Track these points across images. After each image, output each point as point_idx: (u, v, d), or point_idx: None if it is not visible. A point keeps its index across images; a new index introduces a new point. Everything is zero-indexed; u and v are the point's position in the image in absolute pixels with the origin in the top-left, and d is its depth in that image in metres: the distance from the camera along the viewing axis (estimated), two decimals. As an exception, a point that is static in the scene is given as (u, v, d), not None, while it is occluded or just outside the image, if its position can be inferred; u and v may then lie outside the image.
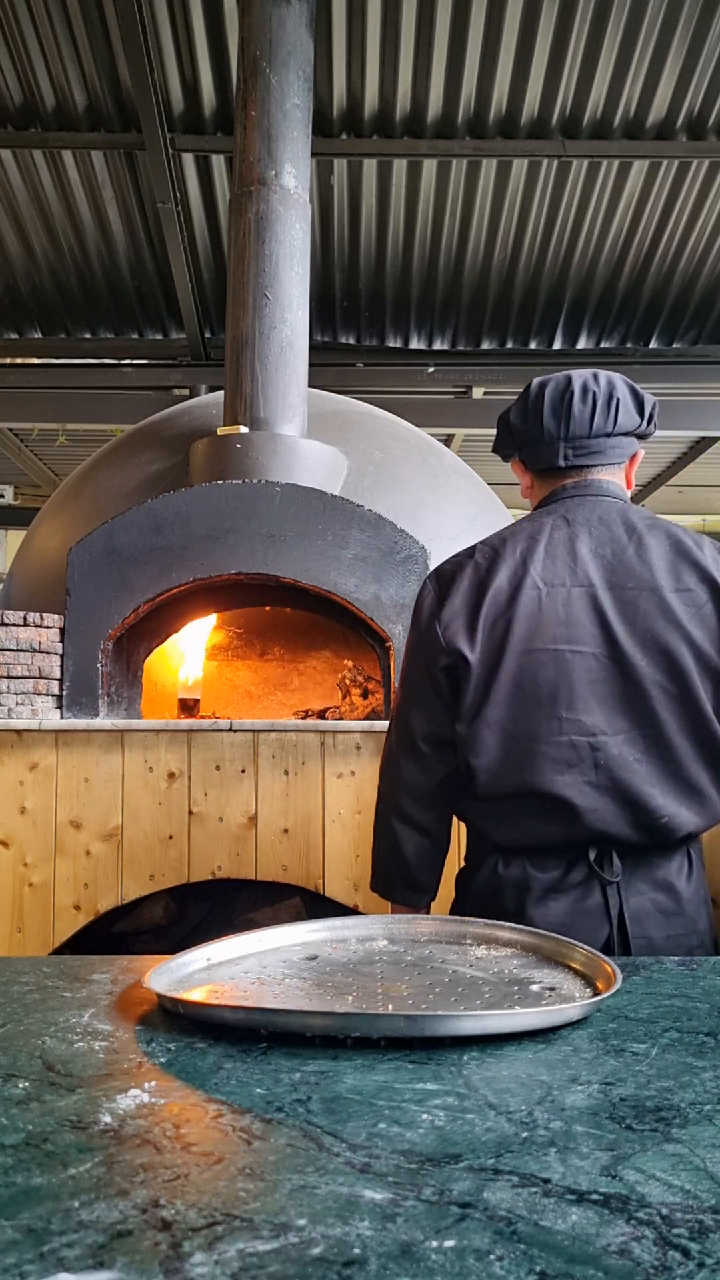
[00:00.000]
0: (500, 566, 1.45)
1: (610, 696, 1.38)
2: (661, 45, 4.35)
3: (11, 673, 2.64)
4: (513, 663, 1.39)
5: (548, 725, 1.38)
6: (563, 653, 1.39)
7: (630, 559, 1.43)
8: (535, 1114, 0.62)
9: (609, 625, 1.39)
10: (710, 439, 6.89)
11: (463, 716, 1.42)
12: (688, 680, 1.37)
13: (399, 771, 1.51)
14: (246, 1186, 0.52)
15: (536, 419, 1.53)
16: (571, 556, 1.44)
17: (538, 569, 1.43)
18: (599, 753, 1.37)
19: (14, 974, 0.97)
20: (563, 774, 1.36)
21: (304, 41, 3.22)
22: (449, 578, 1.49)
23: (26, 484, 8.58)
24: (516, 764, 1.38)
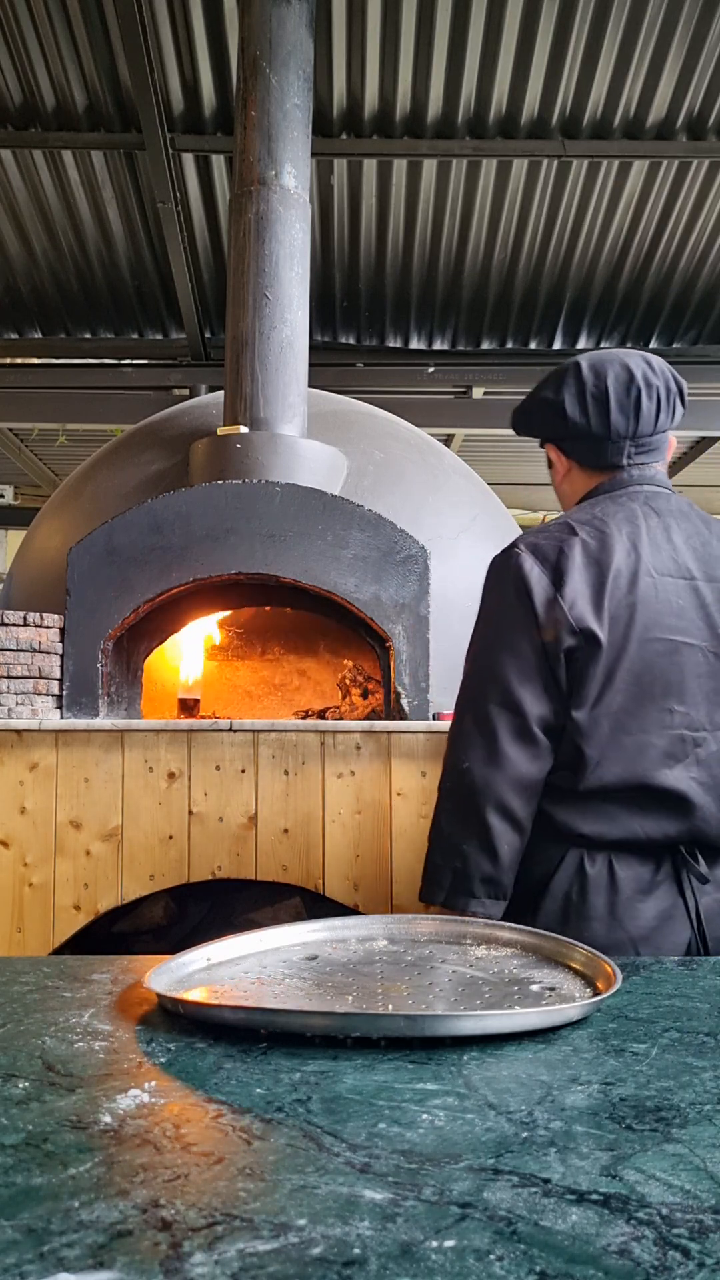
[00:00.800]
0: (614, 548, 1.37)
1: (714, 690, 1.36)
2: (661, 45, 4.35)
3: (11, 673, 2.64)
4: (635, 650, 1.34)
5: (659, 717, 1.34)
6: (676, 643, 1.35)
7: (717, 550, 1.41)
8: (535, 1114, 0.62)
9: (712, 618, 1.37)
10: (710, 439, 6.89)
11: (583, 702, 1.34)
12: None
13: (506, 760, 1.35)
14: (246, 1186, 0.52)
15: (602, 415, 1.45)
16: (671, 546, 1.40)
17: (648, 555, 1.37)
18: (700, 748, 1.34)
19: (14, 974, 0.97)
20: (672, 768, 1.33)
21: (304, 41, 3.22)
22: (554, 553, 1.38)
23: (26, 484, 8.58)
24: (628, 755, 1.33)
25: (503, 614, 1.39)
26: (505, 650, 1.37)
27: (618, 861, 1.35)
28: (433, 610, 2.82)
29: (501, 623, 1.39)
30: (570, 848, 1.37)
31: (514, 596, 1.38)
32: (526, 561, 1.39)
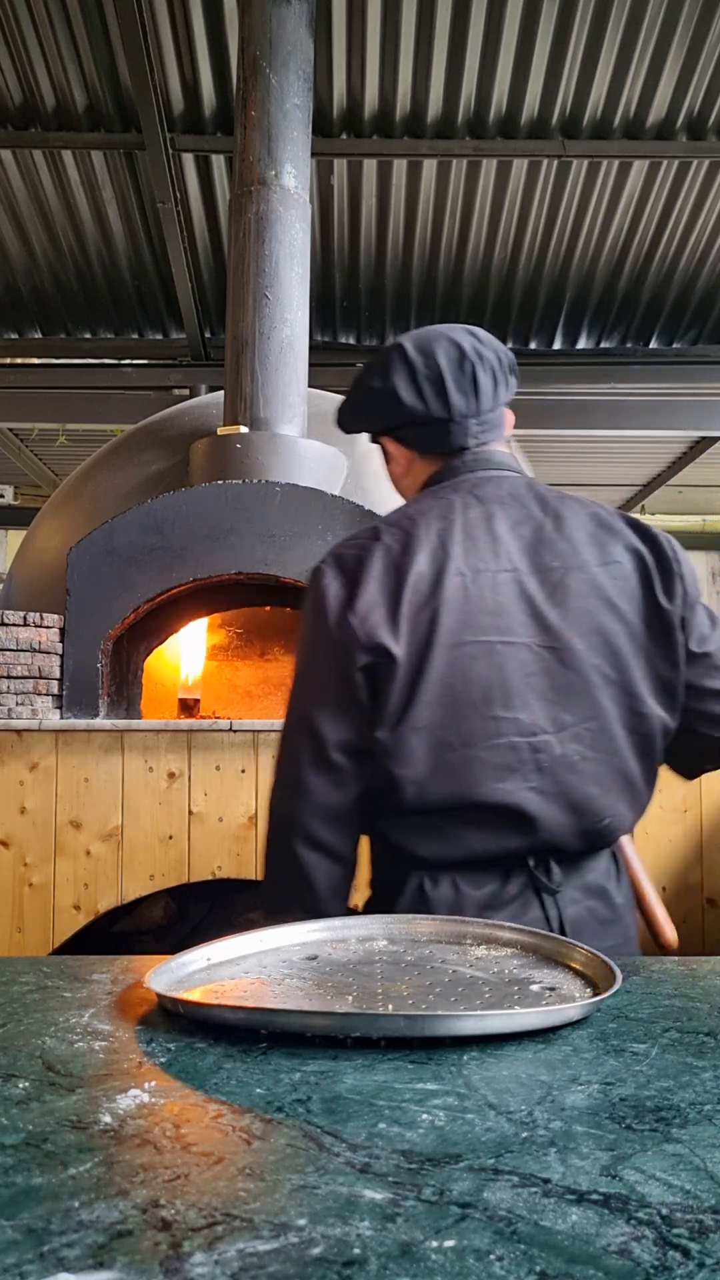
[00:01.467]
0: (417, 549, 1.26)
1: (550, 690, 1.24)
2: (661, 45, 4.35)
3: (11, 673, 2.64)
4: (441, 658, 1.22)
5: (483, 727, 1.22)
6: (494, 645, 1.23)
7: (551, 536, 1.29)
8: (535, 1114, 0.62)
9: (540, 611, 1.25)
10: (710, 439, 6.89)
11: (385, 721, 1.23)
12: (624, 663, 1.26)
13: (306, 790, 1.26)
14: (246, 1186, 0.52)
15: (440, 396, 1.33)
16: (491, 538, 1.28)
17: (458, 552, 1.26)
18: (541, 754, 1.22)
19: (14, 974, 0.97)
20: (504, 780, 1.21)
21: (304, 41, 3.22)
22: (354, 562, 1.27)
23: (26, 484, 8.58)
24: (451, 772, 1.22)
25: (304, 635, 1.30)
26: (305, 674, 1.29)
27: (462, 880, 1.25)
28: (433, 610, 2.82)
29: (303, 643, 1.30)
30: (411, 870, 1.27)
31: (312, 615, 1.28)
32: (326, 575, 1.28)
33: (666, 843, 2.51)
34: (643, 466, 7.86)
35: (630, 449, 7.37)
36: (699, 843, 2.52)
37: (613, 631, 1.26)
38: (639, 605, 1.28)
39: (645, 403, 6.21)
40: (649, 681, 1.27)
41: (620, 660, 1.26)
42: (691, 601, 1.31)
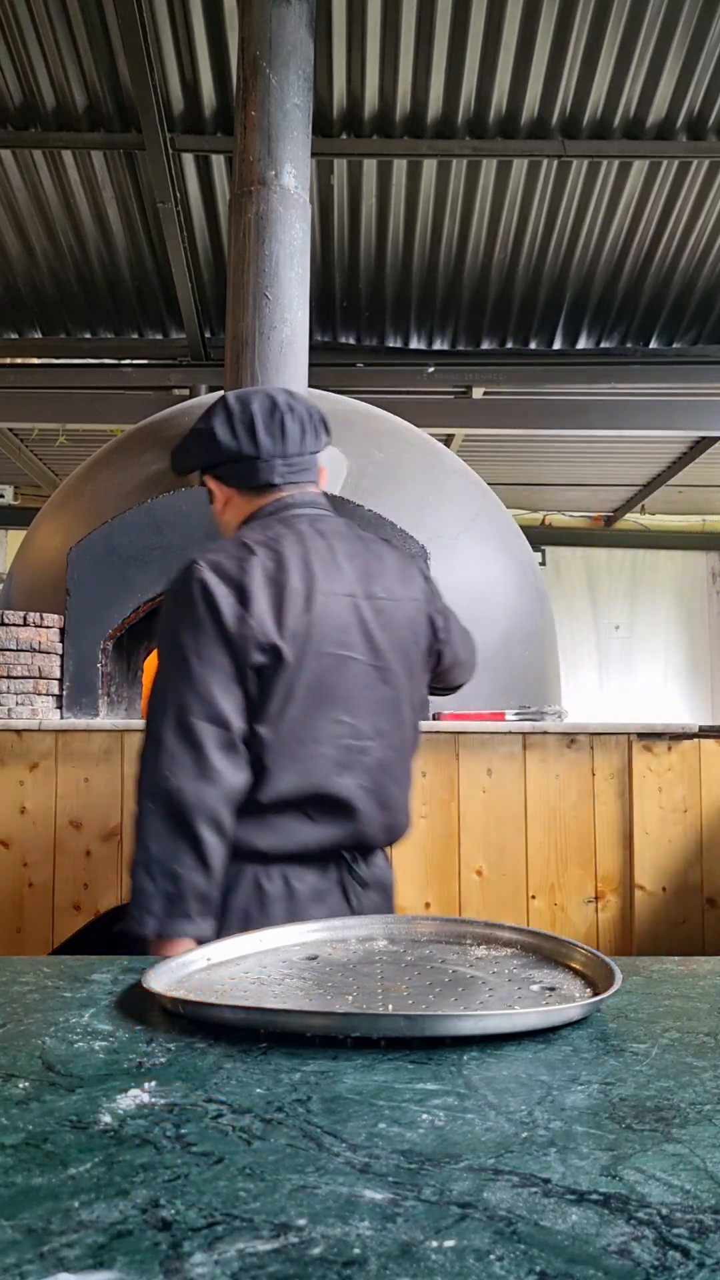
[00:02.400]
0: (290, 568, 1.43)
1: (374, 701, 1.46)
2: (661, 45, 4.35)
3: (11, 673, 2.64)
4: (311, 664, 1.41)
5: (330, 728, 1.41)
6: (344, 658, 1.44)
7: (376, 569, 1.52)
8: (535, 1114, 0.62)
9: (370, 632, 1.47)
10: (710, 439, 6.89)
11: (266, 716, 1.37)
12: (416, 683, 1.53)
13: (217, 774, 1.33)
14: (246, 1186, 0.52)
15: (250, 436, 1.52)
16: (336, 565, 1.48)
17: (320, 573, 1.45)
18: (366, 757, 1.43)
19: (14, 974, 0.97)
20: (341, 776, 1.41)
21: (304, 41, 3.22)
22: (236, 571, 1.41)
23: (26, 484, 8.58)
24: (302, 765, 1.39)
25: (196, 630, 1.38)
26: (206, 665, 1.37)
27: (291, 874, 1.41)
28: (433, 610, 2.82)
29: (197, 639, 1.38)
30: (246, 864, 1.40)
31: (204, 613, 1.38)
32: (211, 579, 1.39)
33: (666, 843, 2.51)
34: (643, 466, 7.86)
35: (630, 449, 7.37)
36: (699, 843, 2.52)
37: (412, 657, 1.53)
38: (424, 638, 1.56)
39: (645, 403, 6.21)
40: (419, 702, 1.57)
41: (416, 682, 1.55)
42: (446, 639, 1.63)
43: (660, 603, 9.32)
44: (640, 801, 2.52)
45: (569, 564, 9.21)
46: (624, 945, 2.50)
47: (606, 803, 2.53)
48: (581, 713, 8.96)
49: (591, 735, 2.54)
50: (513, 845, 2.50)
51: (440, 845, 2.49)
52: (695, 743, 2.54)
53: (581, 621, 9.20)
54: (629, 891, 2.50)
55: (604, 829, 2.52)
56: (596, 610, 9.27)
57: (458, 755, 2.51)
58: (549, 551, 9.06)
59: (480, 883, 2.49)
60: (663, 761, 2.53)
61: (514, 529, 3.64)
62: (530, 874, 2.50)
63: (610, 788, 2.53)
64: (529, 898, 2.50)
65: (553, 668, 3.62)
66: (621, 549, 9.27)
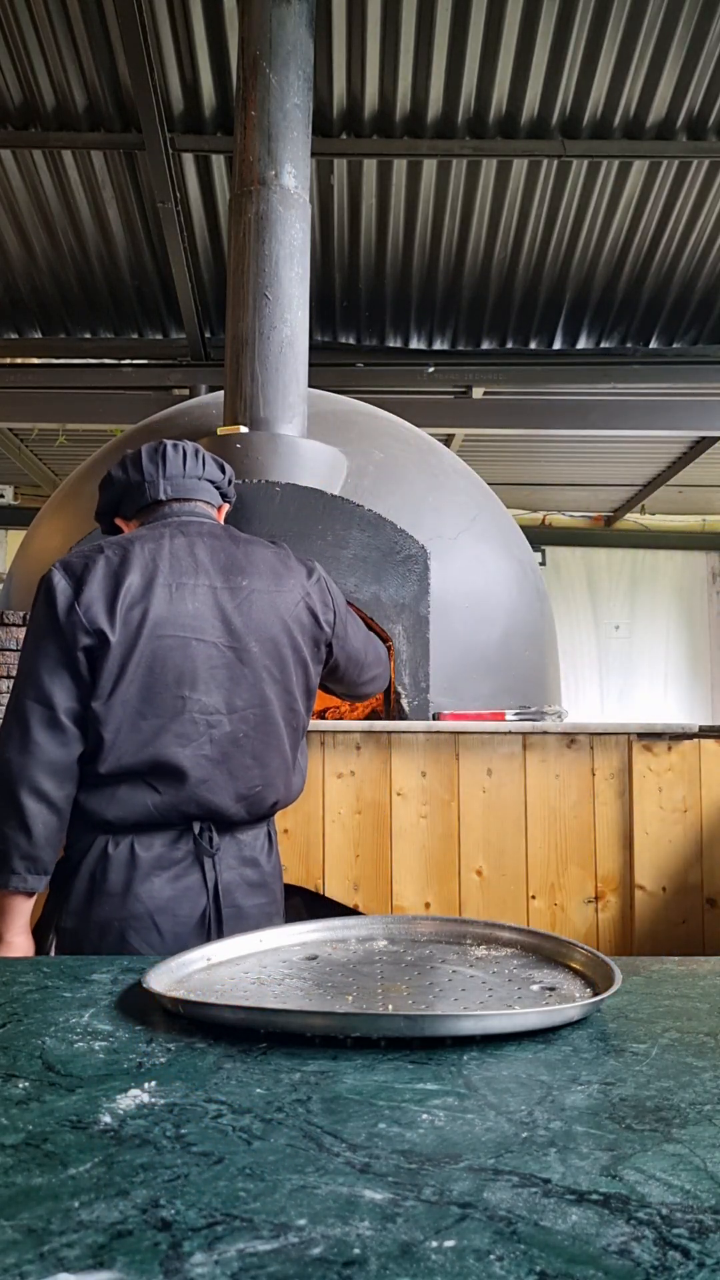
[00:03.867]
0: (133, 562, 1.60)
1: (228, 680, 1.61)
2: (661, 45, 4.35)
3: (12, 673, 2.64)
4: (146, 646, 1.55)
5: (173, 704, 1.55)
6: (189, 640, 1.58)
7: (241, 562, 1.68)
8: (535, 1114, 0.62)
9: (229, 618, 1.63)
10: (710, 439, 6.89)
11: (101, 694, 1.53)
12: (286, 668, 1.67)
13: (35, 747, 1.51)
14: (246, 1186, 0.52)
15: (136, 467, 1.76)
16: (193, 559, 1.65)
17: (165, 567, 1.61)
18: (214, 729, 1.57)
19: (14, 974, 0.97)
20: (184, 747, 1.54)
21: (304, 41, 3.22)
22: (80, 568, 1.60)
23: (26, 484, 8.58)
24: (144, 738, 1.53)
25: (36, 621, 1.59)
26: (37, 652, 1.57)
27: (139, 842, 1.54)
28: (433, 610, 2.82)
29: (35, 629, 1.59)
30: (99, 834, 1.55)
31: (44, 605, 1.58)
32: (56, 575, 1.60)
33: (666, 843, 2.51)
34: (643, 466, 7.86)
35: (630, 449, 7.37)
36: (699, 843, 2.52)
37: (280, 642, 1.67)
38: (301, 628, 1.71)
39: (645, 403, 6.21)
40: (302, 684, 1.71)
41: (284, 665, 1.67)
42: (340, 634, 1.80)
43: (660, 603, 9.32)
44: (640, 801, 2.52)
45: (569, 564, 9.21)
46: (624, 945, 2.50)
47: (606, 803, 2.53)
48: (581, 713, 8.97)
49: (591, 735, 2.54)
50: (513, 845, 2.50)
51: (440, 845, 2.49)
52: (695, 743, 2.54)
53: (581, 621, 9.20)
54: (629, 891, 2.51)
55: (604, 829, 2.52)
56: (596, 610, 9.27)
57: (458, 755, 2.51)
58: (549, 551, 9.06)
59: (480, 883, 2.49)
60: (663, 761, 2.53)
61: (514, 529, 3.64)
62: (530, 874, 2.50)
63: (610, 788, 2.53)
64: (529, 898, 2.50)
65: (553, 668, 3.62)
66: (621, 549, 9.27)
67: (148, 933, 1.51)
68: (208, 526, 1.73)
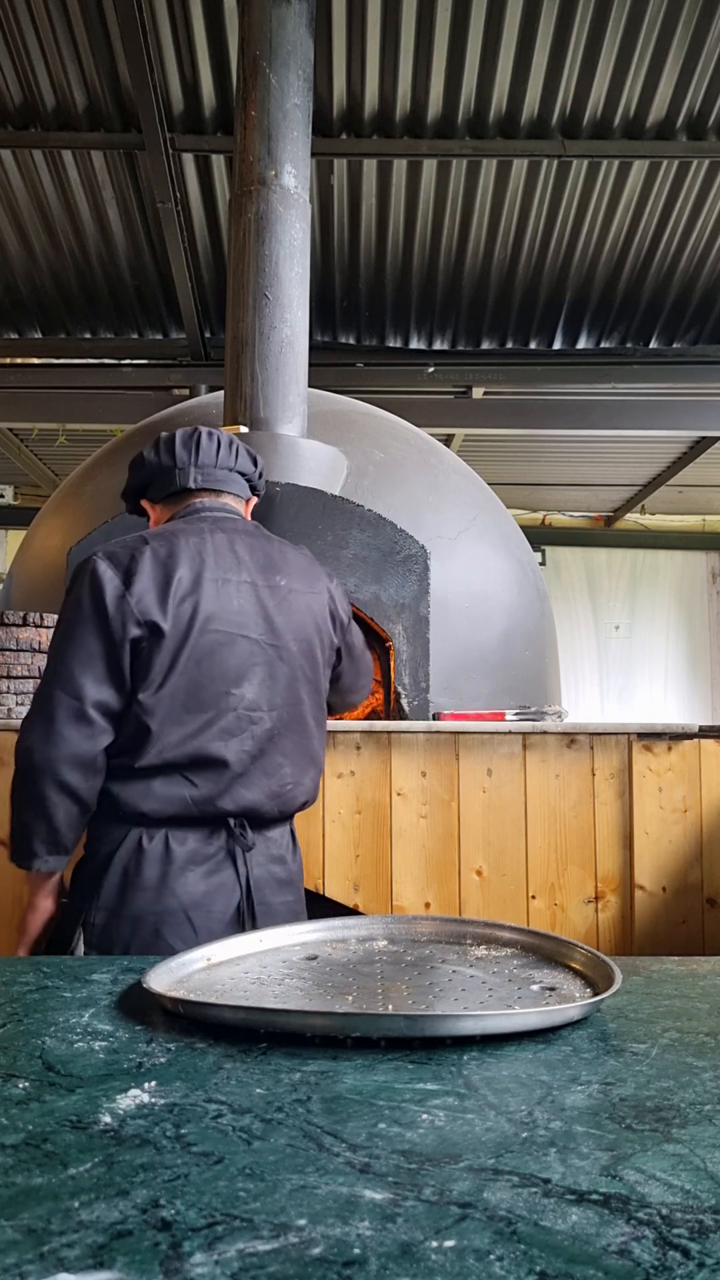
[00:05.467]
0: (180, 555, 1.58)
1: (269, 677, 1.61)
2: (661, 45, 4.35)
3: (11, 673, 2.64)
4: (197, 639, 1.55)
5: (220, 699, 1.55)
6: (235, 636, 1.59)
7: (277, 561, 1.69)
8: (535, 1114, 0.62)
9: (270, 615, 1.63)
10: (710, 439, 6.89)
11: (148, 686, 1.52)
12: (317, 669, 1.70)
13: (60, 739, 1.50)
14: (246, 1186, 0.52)
15: (169, 451, 1.74)
16: (235, 556, 1.64)
17: (212, 562, 1.60)
18: (255, 726, 1.58)
19: (14, 974, 0.97)
20: (226, 741, 1.55)
21: (304, 41, 3.22)
22: (126, 559, 1.57)
23: (26, 484, 8.58)
24: (189, 732, 1.53)
25: (75, 612, 1.55)
26: (71, 643, 1.54)
27: (173, 836, 1.53)
28: (433, 610, 2.82)
29: (73, 620, 1.55)
30: (132, 827, 1.54)
31: (87, 596, 1.55)
32: (101, 565, 1.56)
33: (666, 843, 2.51)
34: (643, 466, 7.86)
35: (630, 449, 7.37)
36: (699, 843, 2.52)
37: (313, 643, 1.70)
38: (327, 630, 1.74)
39: (645, 403, 6.21)
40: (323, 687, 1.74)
41: (315, 666, 1.70)
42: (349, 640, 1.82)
43: (660, 603, 9.32)
44: (640, 801, 2.52)
45: (569, 564, 9.21)
46: (624, 945, 2.50)
47: (606, 803, 2.53)
48: (581, 713, 8.97)
49: (591, 735, 2.53)
50: (513, 845, 2.50)
51: (440, 845, 2.49)
52: (695, 743, 2.54)
53: (581, 621, 9.20)
54: (629, 891, 2.50)
55: (604, 829, 2.52)
56: (596, 610, 9.27)
57: (458, 755, 2.51)
58: (549, 551, 9.06)
59: (480, 883, 2.49)
60: (663, 761, 2.53)
61: (514, 529, 3.64)
62: (530, 874, 2.50)
63: (610, 788, 2.53)
64: (529, 898, 2.50)
65: (553, 668, 3.62)
66: (621, 549, 9.27)
67: (181, 927, 1.50)
68: (242, 524, 1.73)
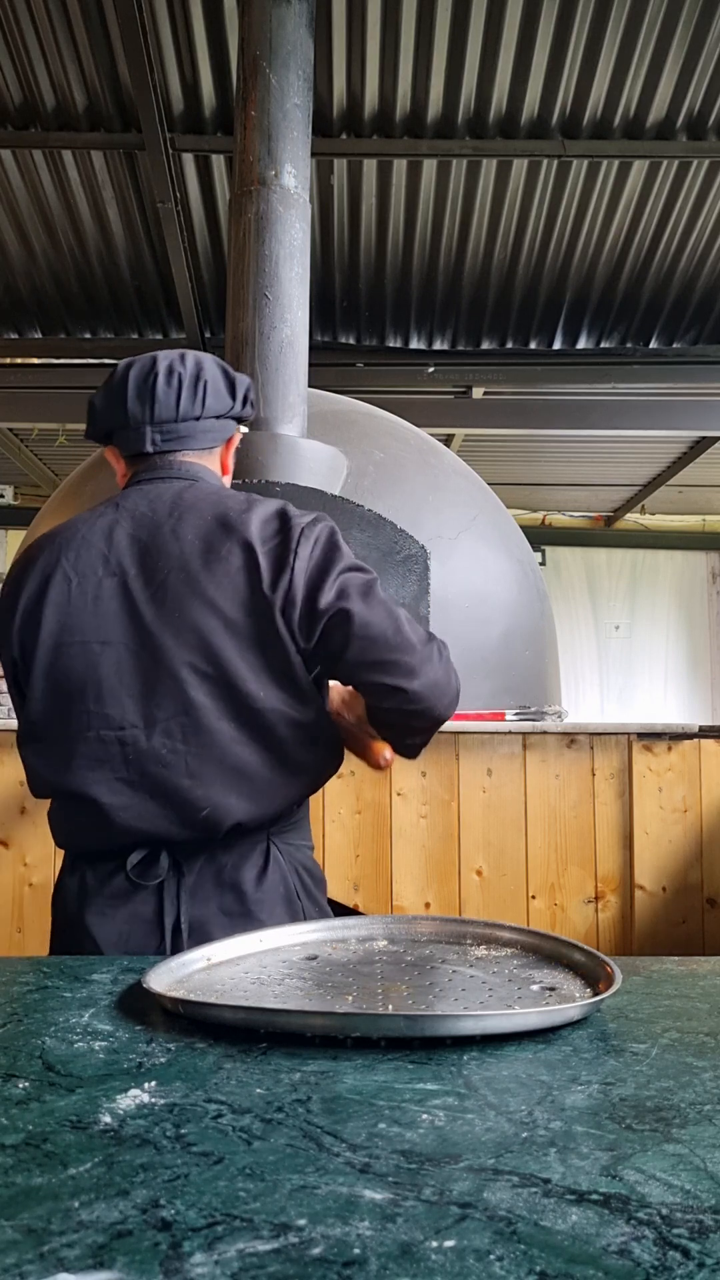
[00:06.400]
0: (39, 557, 1.37)
1: (143, 686, 1.30)
2: (661, 45, 4.34)
3: (11, 673, 2.64)
4: (44, 659, 1.32)
5: (78, 721, 1.31)
6: (90, 645, 1.31)
7: (164, 539, 1.34)
8: (535, 1114, 0.62)
9: (139, 612, 1.32)
10: (710, 439, 6.88)
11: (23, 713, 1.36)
12: (221, 658, 1.29)
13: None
14: (246, 1186, 0.52)
15: (120, 402, 1.44)
16: (107, 544, 1.36)
17: (70, 559, 1.35)
18: (128, 747, 1.29)
19: (14, 974, 0.97)
20: (94, 771, 1.29)
21: (304, 41, 3.22)
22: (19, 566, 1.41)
23: (26, 484, 8.58)
24: (54, 764, 1.32)
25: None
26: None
27: (91, 870, 1.34)
28: (433, 610, 2.82)
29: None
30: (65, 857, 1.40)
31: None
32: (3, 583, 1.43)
33: (666, 843, 2.51)
34: (643, 466, 7.86)
35: (630, 449, 7.37)
36: (699, 843, 2.52)
37: (208, 628, 1.29)
38: (242, 599, 1.31)
39: (645, 403, 6.21)
40: (261, 674, 1.30)
41: (217, 655, 1.29)
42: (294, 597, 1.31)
43: (660, 603, 9.32)
44: (640, 801, 2.52)
45: (569, 564, 9.21)
46: (624, 945, 2.50)
47: (606, 803, 2.53)
48: (581, 713, 8.97)
49: (591, 735, 2.54)
50: (513, 845, 2.50)
51: (440, 845, 2.49)
52: (695, 743, 2.54)
53: (581, 621, 9.20)
54: (629, 891, 2.50)
55: (604, 829, 2.52)
56: (596, 610, 9.27)
57: (458, 755, 2.51)
58: (549, 551, 9.06)
59: (480, 883, 2.49)
60: (663, 761, 2.53)
61: (514, 529, 3.64)
62: (530, 874, 2.50)
63: (610, 788, 2.53)
64: (529, 898, 2.50)
65: (553, 668, 3.62)
66: (621, 549, 9.27)
67: None
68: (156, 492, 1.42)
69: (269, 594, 1.31)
